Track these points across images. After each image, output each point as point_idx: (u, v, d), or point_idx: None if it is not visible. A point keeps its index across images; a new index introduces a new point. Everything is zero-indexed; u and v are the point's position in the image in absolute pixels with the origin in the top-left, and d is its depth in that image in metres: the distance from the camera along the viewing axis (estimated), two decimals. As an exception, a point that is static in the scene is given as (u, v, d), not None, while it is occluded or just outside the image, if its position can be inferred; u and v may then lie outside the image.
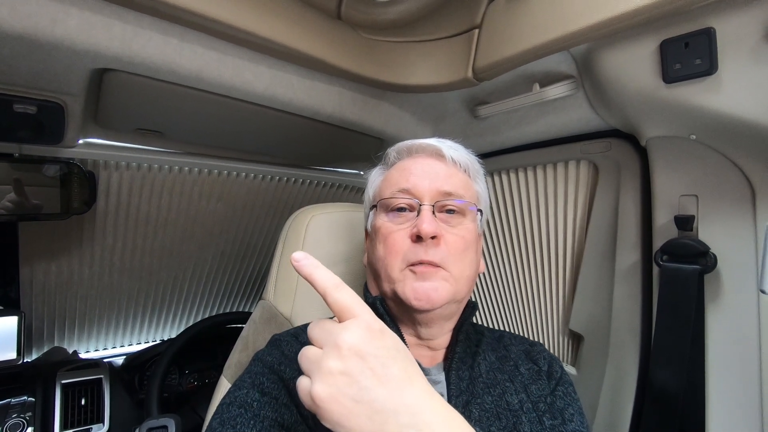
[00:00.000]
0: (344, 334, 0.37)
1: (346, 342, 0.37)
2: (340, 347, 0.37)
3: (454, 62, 0.84)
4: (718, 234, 0.70)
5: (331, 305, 0.40)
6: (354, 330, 0.38)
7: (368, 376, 0.36)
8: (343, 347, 0.37)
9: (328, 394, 0.36)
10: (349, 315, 0.39)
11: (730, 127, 0.62)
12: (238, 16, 0.67)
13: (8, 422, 1.00)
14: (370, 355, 0.37)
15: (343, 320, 0.39)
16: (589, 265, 0.92)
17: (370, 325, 0.39)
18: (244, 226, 1.40)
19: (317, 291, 0.41)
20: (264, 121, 0.95)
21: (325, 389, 0.36)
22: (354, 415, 0.35)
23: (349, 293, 0.41)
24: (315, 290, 0.42)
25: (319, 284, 0.41)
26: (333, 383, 0.36)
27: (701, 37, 0.58)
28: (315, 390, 0.36)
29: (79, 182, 0.96)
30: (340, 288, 0.41)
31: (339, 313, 0.40)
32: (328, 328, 0.39)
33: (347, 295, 0.40)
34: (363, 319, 0.39)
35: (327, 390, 0.36)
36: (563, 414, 0.59)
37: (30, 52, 0.62)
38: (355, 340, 0.37)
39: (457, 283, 0.58)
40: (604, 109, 0.80)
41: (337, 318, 0.40)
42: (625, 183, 0.84)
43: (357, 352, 0.37)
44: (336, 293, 0.40)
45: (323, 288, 0.41)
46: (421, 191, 0.61)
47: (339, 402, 0.35)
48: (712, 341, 0.70)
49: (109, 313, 1.40)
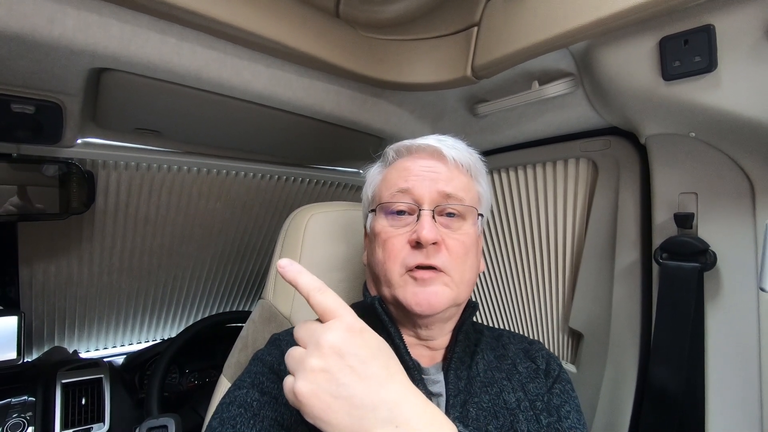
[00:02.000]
0: (325, 334, 0.39)
1: (327, 341, 0.39)
2: (322, 346, 0.39)
3: (453, 60, 0.83)
4: (717, 232, 0.70)
5: (314, 307, 0.42)
6: (335, 330, 0.40)
7: (347, 374, 0.38)
8: (324, 346, 0.39)
9: (309, 390, 0.38)
10: (332, 316, 0.41)
11: (730, 124, 0.62)
12: (236, 16, 0.66)
13: (9, 422, 1.00)
14: (349, 353, 0.39)
15: (326, 321, 0.41)
16: (588, 263, 0.92)
17: (351, 326, 0.41)
18: (243, 226, 1.40)
19: (301, 294, 0.43)
20: (263, 120, 0.95)
21: (306, 386, 0.38)
22: (333, 411, 0.37)
23: (331, 296, 0.43)
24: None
25: (302, 288, 0.43)
26: (314, 380, 0.38)
27: (701, 34, 0.57)
28: (297, 386, 0.38)
29: (78, 182, 0.96)
30: (323, 291, 0.43)
31: (322, 315, 0.42)
32: (311, 329, 0.41)
33: (330, 297, 0.42)
34: (344, 320, 0.41)
35: (308, 386, 0.38)
36: (560, 411, 0.58)
37: (27, 52, 0.62)
38: (336, 339, 0.39)
39: (457, 288, 0.58)
40: (603, 107, 0.79)
41: (321, 319, 0.42)
42: (625, 181, 0.84)
43: (337, 351, 0.39)
44: (319, 296, 0.42)
45: (307, 291, 0.43)
46: (420, 194, 0.60)
47: (319, 398, 0.37)
48: (712, 339, 0.70)
49: (109, 313, 1.40)
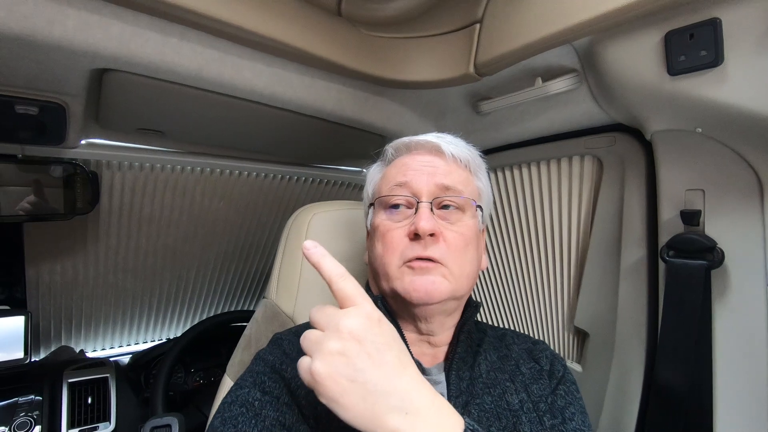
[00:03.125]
0: (345, 320, 0.40)
1: (347, 326, 0.40)
2: (341, 330, 0.40)
3: (455, 58, 0.83)
4: (725, 229, 0.69)
5: (335, 293, 0.43)
6: (354, 316, 0.41)
7: (364, 359, 0.39)
8: (343, 331, 0.40)
9: (326, 372, 0.38)
10: (351, 303, 0.42)
11: (737, 119, 0.61)
12: (237, 15, 0.66)
13: (16, 421, 1.01)
14: (367, 340, 0.40)
15: (345, 308, 0.42)
16: (594, 262, 0.91)
17: (369, 314, 0.42)
18: (247, 225, 1.40)
19: (323, 278, 0.44)
20: (265, 120, 0.95)
21: (324, 367, 0.39)
22: (348, 394, 0.38)
23: (352, 283, 0.44)
24: (321, 278, 0.44)
25: (325, 272, 0.44)
26: (331, 362, 0.39)
27: (706, 28, 0.56)
28: (315, 367, 0.39)
29: (82, 182, 0.97)
30: (345, 277, 0.44)
31: (342, 301, 0.43)
32: (330, 313, 0.42)
33: (351, 285, 0.43)
34: (363, 308, 0.42)
35: (325, 368, 0.38)
36: (564, 413, 0.58)
37: (29, 53, 0.62)
38: (355, 325, 0.40)
39: (456, 281, 0.57)
40: (607, 103, 0.78)
41: (340, 305, 0.43)
42: (630, 178, 0.83)
43: (355, 336, 0.40)
44: (341, 282, 0.43)
45: (329, 276, 0.44)
46: (418, 187, 0.60)
47: (335, 380, 0.38)
48: (719, 337, 0.69)
49: (115, 313, 1.41)
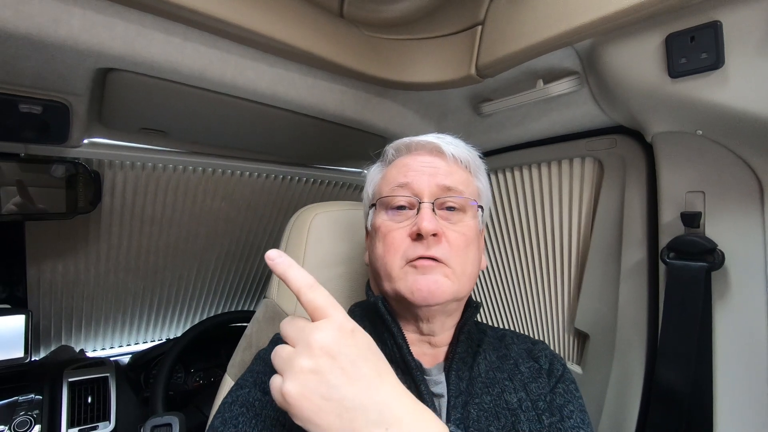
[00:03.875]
0: (316, 334, 0.38)
1: (318, 341, 0.38)
2: (312, 346, 0.38)
3: (457, 59, 0.83)
4: (725, 231, 0.69)
5: (304, 305, 0.41)
6: (326, 330, 0.39)
7: (338, 375, 0.37)
8: (315, 346, 0.38)
9: (299, 392, 0.36)
10: (323, 315, 0.40)
11: (738, 121, 0.61)
12: (240, 15, 0.67)
13: (16, 420, 1.01)
14: (341, 354, 0.38)
15: (317, 320, 0.40)
16: (594, 263, 0.91)
17: (342, 326, 0.39)
18: (248, 225, 1.40)
19: (291, 290, 0.41)
20: (267, 120, 0.95)
21: (295, 387, 0.37)
22: (324, 413, 0.36)
23: (322, 293, 0.41)
24: (289, 288, 0.42)
25: (293, 283, 0.41)
26: (303, 381, 0.37)
27: (707, 30, 0.57)
28: (286, 388, 0.37)
29: (85, 182, 0.97)
30: (314, 288, 0.41)
31: (312, 313, 0.41)
32: (300, 327, 0.40)
33: (321, 295, 0.41)
34: (335, 320, 0.40)
35: (297, 388, 0.37)
36: (562, 411, 0.58)
37: (34, 53, 0.63)
38: (327, 339, 0.38)
39: (459, 281, 0.57)
40: (608, 105, 0.79)
41: (311, 318, 0.41)
42: (631, 180, 0.83)
43: (328, 351, 0.37)
44: (310, 293, 0.41)
45: (297, 287, 0.41)
46: (420, 188, 0.60)
47: (309, 400, 0.36)
48: (720, 339, 0.69)
49: (115, 312, 1.41)
